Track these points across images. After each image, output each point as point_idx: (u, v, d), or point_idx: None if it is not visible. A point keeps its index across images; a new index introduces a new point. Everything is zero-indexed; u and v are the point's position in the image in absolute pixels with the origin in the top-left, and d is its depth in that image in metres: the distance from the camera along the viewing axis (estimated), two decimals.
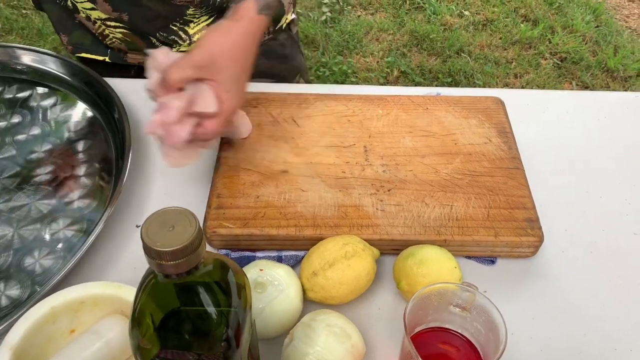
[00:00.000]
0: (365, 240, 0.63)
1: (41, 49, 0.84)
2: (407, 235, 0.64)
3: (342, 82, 2.11)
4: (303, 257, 0.63)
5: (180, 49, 0.89)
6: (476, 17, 2.43)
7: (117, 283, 0.56)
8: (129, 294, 0.55)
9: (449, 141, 0.75)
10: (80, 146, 0.77)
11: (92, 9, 0.83)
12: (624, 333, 0.61)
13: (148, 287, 0.39)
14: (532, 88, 2.12)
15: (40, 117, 0.80)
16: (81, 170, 0.74)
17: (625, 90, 2.10)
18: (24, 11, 2.30)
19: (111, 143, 0.77)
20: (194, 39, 0.88)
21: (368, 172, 0.71)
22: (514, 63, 2.22)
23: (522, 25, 2.37)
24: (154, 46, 0.89)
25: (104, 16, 0.84)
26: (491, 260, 0.66)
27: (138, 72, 0.95)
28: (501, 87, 2.09)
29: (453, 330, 0.53)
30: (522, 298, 0.63)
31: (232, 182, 0.69)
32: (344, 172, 0.71)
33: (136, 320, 0.41)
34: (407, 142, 0.75)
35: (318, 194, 0.68)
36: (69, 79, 0.83)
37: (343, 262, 0.59)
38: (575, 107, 0.86)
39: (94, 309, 0.56)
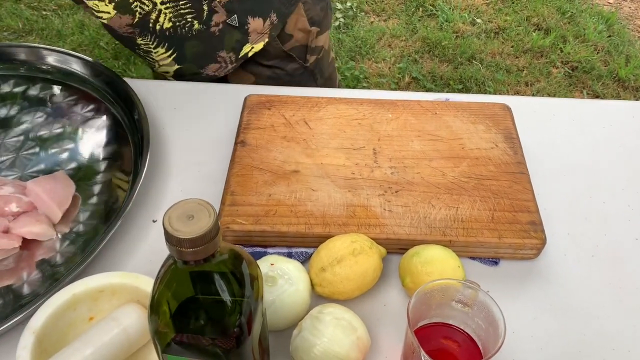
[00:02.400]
0: (372, 239, 0.65)
1: (65, 50, 0.88)
2: (413, 235, 0.67)
3: (354, 87, 2.14)
4: (312, 253, 0.66)
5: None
6: (488, 25, 2.45)
7: (134, 273, 0.58)
8: (145, 284, 0.58)
9: (457, 145, 0.77)
10: (100, 144, 0.80)
11: None
12: (622, 334, 0.62)
13: (167, 275, 0.42)
14: (542, 96, 2.13)
15: (63, 115, 0.84)
16: (101, 166, 0.77)
17: (637, 101, 2.11)
18: (44, 12, 2.36)
19: (130, 141, 0.80)
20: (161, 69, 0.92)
21: (377, 174, 0.74)
22: (525, 71, 2.24)
23: (534, 33, 2.39)
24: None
25: None
26: (494, 262, 0.68)
27: None
28: (512, 95, 2.11)
29: (455, 326, 0.55)
30: (524, 298, 0.65)
31: (246, 180, 0.72)
32: (353, 173, 0.74)
33: (155, 307, 0.44)
34: (415, 145, 0.77)
35: (328, 193, 0.71)
36: (91, 79, 0.87)
37: (350, 259, 0.61)
38: (581, 114, 0.87)
39: (112, 297, 0.59)
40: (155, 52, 0.89)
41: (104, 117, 0.84)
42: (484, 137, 0.78)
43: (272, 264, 0.60)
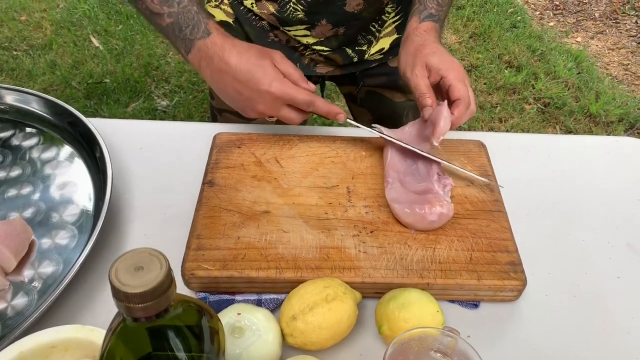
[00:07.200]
0: (347, 283, 0.62)
1: (25, 89, 0.84)
2: (390, 278, 0.64)
3: (330, 126, 2.13)
4: (283, 300, 0.62)
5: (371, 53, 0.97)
6: (461, 63, 2.48)
7: (89, 327, 0.54)
8: (101, 338, 0.53)
9: None
10: (61, 186, 0.76)
11: (305, 35, 0.89)
12: None
13: (117, 331, 0.38)
14: (516, 132, 2.15)
15: (22, 156, 0.80)
16: (61, 210, 0.73)
17: (610, 135, 2.14)
18: (14, 52, 2.32)
19: (92, 183, 0.76)
20: (381, 35, 0.95)
21: (351, 213, 0.71)
22: (498, 108, 2.26)
23: (506, 71, 2.43)
24: (349, 58, 0.96)
25: (312, 41, 0.89)
26: (474, 304, 0.65)
27: (323, 84, 1.05)
28: (486, 131, 2.12)
29: None
30: (506, 342, 0.62)
31: (213, 222, 0.68)
32: (327, 213, 0.71)
33: None
34: None
35: (300, 235, 0.68)
36: (52, 118, 0.83)
37: (323, 305, 0.58)
38: (557, 150, 0.86)
39: (65, 354, 0.54)
40: (387, 21, 0.92)
41: (65, 158, 0.80)
42: (459, 175, 0.76)
43: (238, 314, 0.56)
